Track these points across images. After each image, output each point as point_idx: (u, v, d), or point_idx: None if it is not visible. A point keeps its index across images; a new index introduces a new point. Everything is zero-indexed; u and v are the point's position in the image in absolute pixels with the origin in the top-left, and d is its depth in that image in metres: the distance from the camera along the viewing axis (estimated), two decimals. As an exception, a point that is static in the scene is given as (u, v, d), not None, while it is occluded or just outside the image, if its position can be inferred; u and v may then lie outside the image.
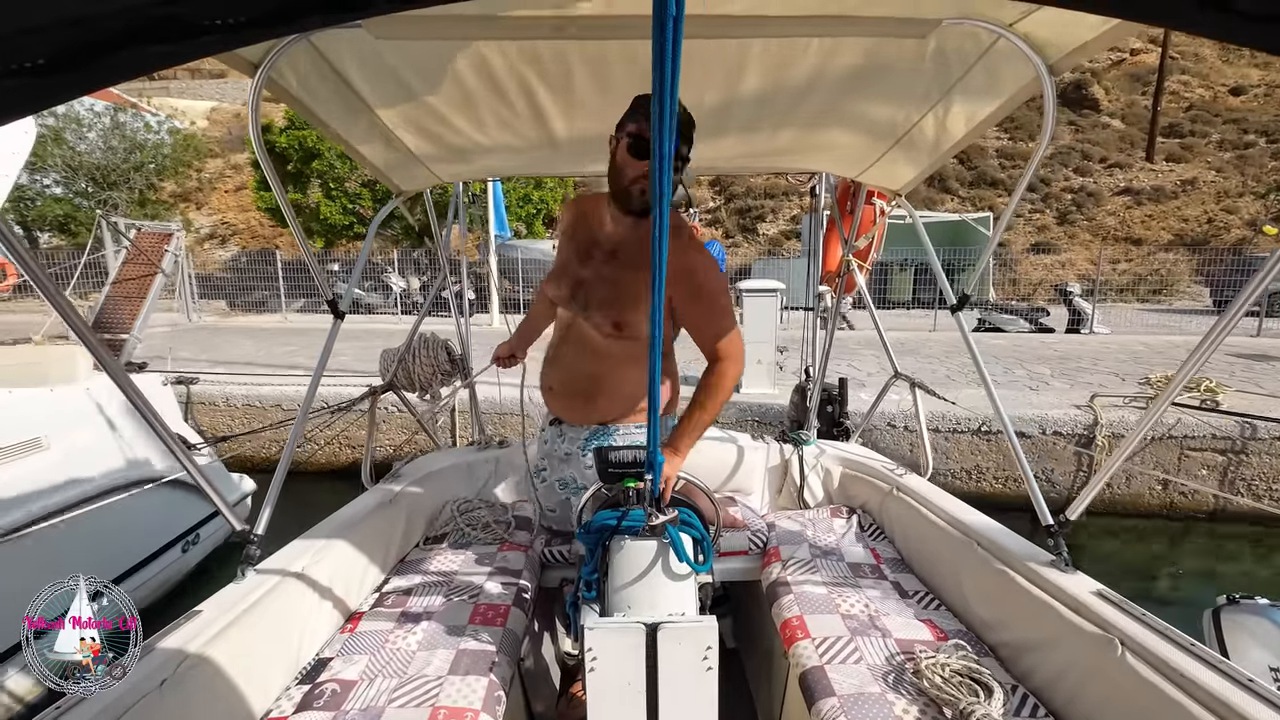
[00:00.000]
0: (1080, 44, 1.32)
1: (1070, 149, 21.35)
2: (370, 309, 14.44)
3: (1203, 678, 1.11)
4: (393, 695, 1.39)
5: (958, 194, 20.21)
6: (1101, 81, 23.87)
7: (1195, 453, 5.16)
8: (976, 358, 1.91)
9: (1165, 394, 1.38)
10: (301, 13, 0.29)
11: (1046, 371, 7.37)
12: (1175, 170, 19.83)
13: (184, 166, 17.97)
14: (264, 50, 1.37)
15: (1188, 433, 5.14)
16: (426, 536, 2.23)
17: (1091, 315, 11.37)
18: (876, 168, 2.22)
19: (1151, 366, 6.33)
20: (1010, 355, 8.50)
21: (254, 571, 1.56)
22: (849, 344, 8.70)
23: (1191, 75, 23.63)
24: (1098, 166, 20.68)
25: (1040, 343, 9.95)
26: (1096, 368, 7.59)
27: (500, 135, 2.00)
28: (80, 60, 0.26)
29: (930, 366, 7.67)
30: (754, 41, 1.49)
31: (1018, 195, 1.77)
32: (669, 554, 1.27)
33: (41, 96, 0.28)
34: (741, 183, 20.87)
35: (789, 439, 2.72)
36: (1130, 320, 12.39)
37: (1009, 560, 1.61)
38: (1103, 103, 22.98)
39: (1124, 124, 22.34)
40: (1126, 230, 18.66)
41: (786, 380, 6.34)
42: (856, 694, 1.39)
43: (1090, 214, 19.17)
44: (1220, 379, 6.09)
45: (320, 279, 2.09)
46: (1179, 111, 22.07)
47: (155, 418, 1.33)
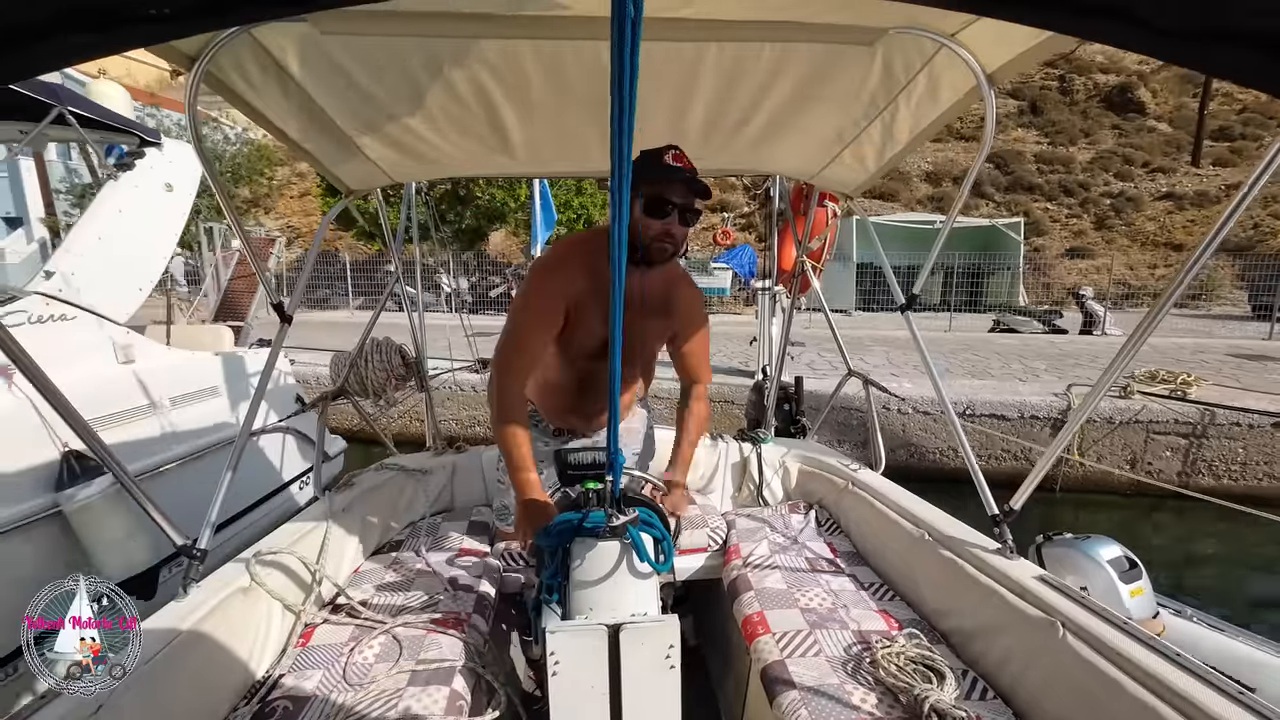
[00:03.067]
0: (1017, 53, 1.38)
1: (1112, 154, 21.00)
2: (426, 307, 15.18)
3: (1137, 655, 1.17)
4: (350, 710, 1.34)
5: (993, 199, 19.91)
6: (1149, 84, 23.53)
7: (1160, 436, 5.78)
8: (924, 352, 2.00)
9: (1097, 385, 1.46)
10: (240, 4, 0.28)
11: (1042, 366, 7.76)
12: (1221, 175, 19.27)
13: (258, 175, 19.22)
14: (202, 43, 1.31)
15: (1153, 418, 5.75)
16: (382, 545, 2.17)
17: (1104, 318, 11.69)
18: (828, 171, 2.27)
19: (1147, 365, 6.75)
20: (1014, 353, 8.87)
21: (197, 587, 1.49)
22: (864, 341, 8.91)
23: None
24: (1139, 171, 20.24)
25: (1048, 343, 10.30)
26: (1092, 364, 7.94)
27: (453, 135, 1.96)
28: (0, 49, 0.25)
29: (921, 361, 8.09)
30: (709, 45, 1.51)
31: (960, 200, 1.84)
32: (630, 554, 1.27)
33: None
34: None
35: (747, 437, 2.75)
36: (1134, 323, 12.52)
37: (958, 550, 1.67)
38: (1149, 106, 22.63)
39: (1171, 127, 21.95)
40: (1167, 235, 18.21)
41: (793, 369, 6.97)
42: (816, 686, 1.41)
43: (1129, 219, 18.83)
44: (1203, 374, 6.63)
45: (264, 281, 2.02)
46: (1231, 114, 21.63)
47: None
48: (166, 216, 4.26)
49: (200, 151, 1.71)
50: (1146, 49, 0.33)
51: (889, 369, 7.45)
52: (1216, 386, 6.41)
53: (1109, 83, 24.04)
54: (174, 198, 4.28)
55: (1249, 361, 8.31)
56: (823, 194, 2.79)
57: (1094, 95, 23.99)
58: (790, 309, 3.14)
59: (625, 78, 0.58)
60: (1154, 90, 23.57)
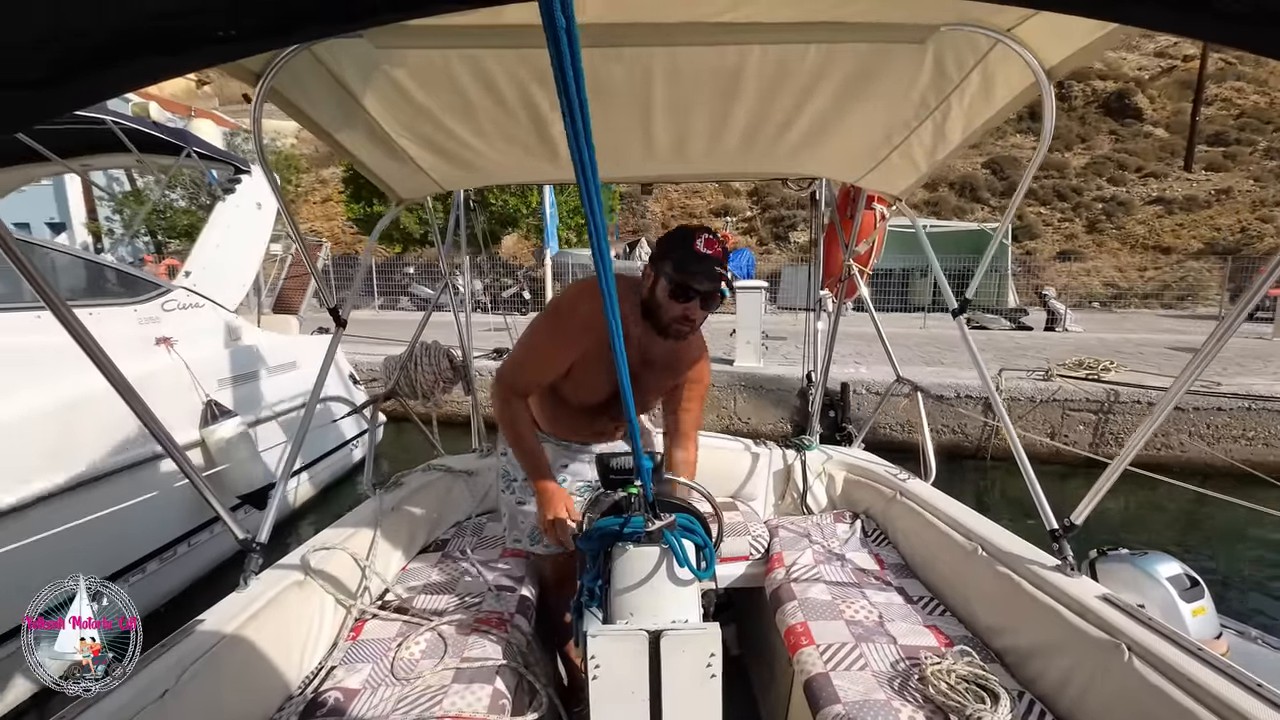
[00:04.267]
0: (1077, 48, 1.32)
1: (1106, 159, 21.72)
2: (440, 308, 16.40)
3: (1210, 682, 1.10)
4: (396, 704, 1.38)
5: (989, 203, 20.46)
6: (1146, 90, 23.88)
7: (1074, 412, 6.72)
8: (975, 354, 1.96)
9: (1169, 394, 1.37)
10: (302, 23, 0.29)
11: (990, 357, 8.32)
12: (1211, 179, 19.94)
13: (285, 183, 20.62)
14: (266, 60, 1.38)
15: (1069, 397, 6.75)
16: (429, 544, 2.23)
17: (1065, 315, 12.71)
18: (875, 173, 2.22)
19: (1087, 355, 7.92)
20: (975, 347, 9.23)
21: (256, 580, 1.56)
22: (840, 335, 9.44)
23: (1248, 81, 23.38)
24: (1133, 176, 20.72)
25: (1007, 337, 11.31)
26: (1038, 356, 8.68)
27: (500, 144, 2.00)
28: (81, 72, 0.26)
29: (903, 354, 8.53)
30: (753, 49, 1.50)
31: (1017, 198, 1.78)
32: (671, 560, 1.26)
33: (42, 109, 0.28)
34: (776, 193, 21.95)
35: (791, 444, 2.71)
36: (1101, 321, 13.61)
37: (1013, 565, 1.60)
38: (1146, 111, 23.10)
39: (1168, 132, 22.21)
40: (1155, 239, 18.94)
41: (770, 357, 8.44)
42: (862, 701, 1.38)
43: (1120, 223, 19.24)
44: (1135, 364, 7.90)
45: (320, 284, 2.10)
46: (1228, 119, 21.91)
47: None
48: (257, 228, 5.30)
49: (264, 162, 1.78)
50: (1211, 35, 0.31)
51: (854, 357, 8.46)
52: (1134, 372, 7.37)
53: (1107, 89, 24.46)
54: (262, 214, 5.29)
55: (1181, 353, 8.99)
56: (871, 195, 2.73)
57: (1092, 101, 24.47)
58: (836, 314, 3.08)
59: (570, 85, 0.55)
60: (1151, 96, 24.00)
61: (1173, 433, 6.43)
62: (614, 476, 1.35)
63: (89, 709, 1.09)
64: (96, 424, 3.26)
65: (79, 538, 3.02)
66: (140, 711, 1.13)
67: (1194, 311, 15.76)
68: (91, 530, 3.12)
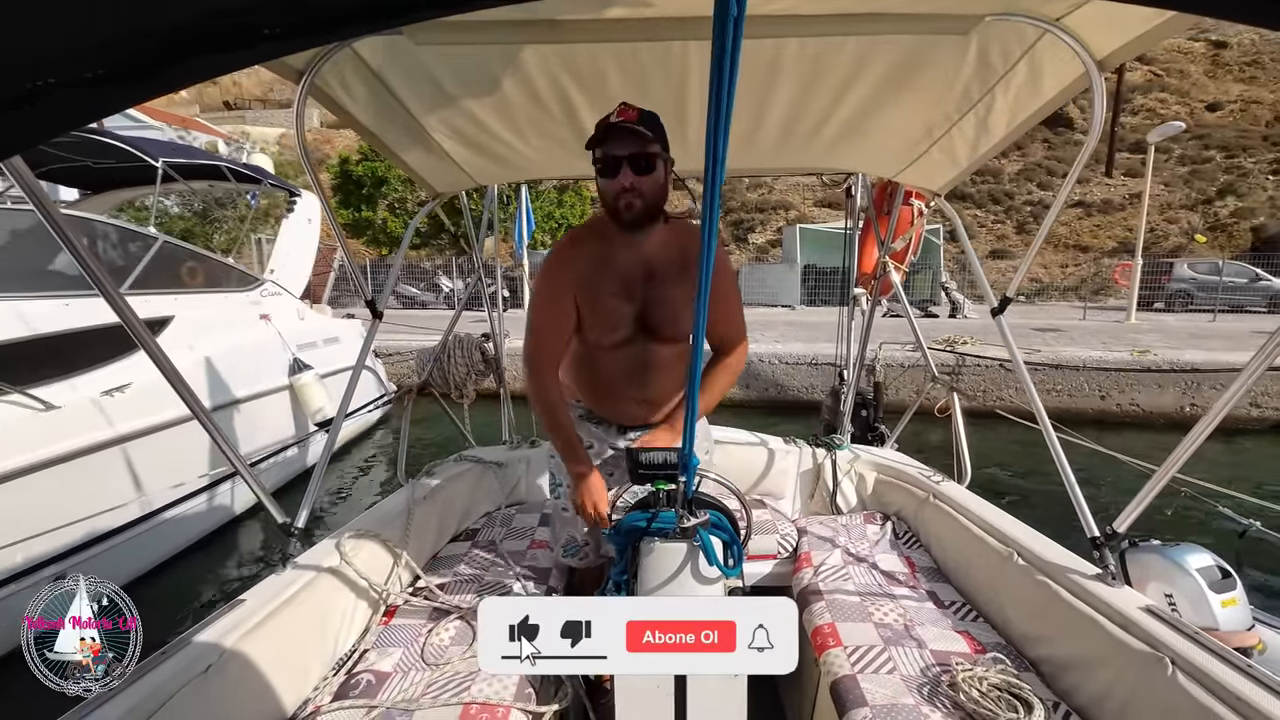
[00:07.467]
0: (1131, 38, 1.27)
1: (1038, 165, 24.20)
2: (423, 305, 18.73)
3: (1259, 700, 1.05)
4: (426, 688, 1.41)
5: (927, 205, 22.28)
6: (1077, 101, 24.33)
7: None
8: (1014, 352, 1.92)
9: (1225, 397, 1.31)
10: (346, 19, 0.29)
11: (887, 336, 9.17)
12: (1127, 184, 22.62)
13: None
14: (309, 57, 1.41)
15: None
16: (459, 533, 2.27)
17: (963, 304, 15.48)
18: (914, 168, 2.18)
19: (958, 335, 10.02)
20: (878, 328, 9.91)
21: (294, 564, 1.61)
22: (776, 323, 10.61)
23: (1171, 93, 26.13)
24: (1059, 181, 22.21)
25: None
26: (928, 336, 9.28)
27: (535, 139, 2.02)
28: (144, 69, 0.27)
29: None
30: (789, 41, 1.48)
31: (1061, 198, 1.73)
32: (698, 557, 1.26)
33: (103, 105, 0.30)
34: (736, 197, 23.45)
35: (822, 443, 2.68)
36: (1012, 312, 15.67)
37: (1051, 572, 1.56)
38: (1076, 121, 25.09)
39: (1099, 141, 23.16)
40: (1075, 239, 21.77)
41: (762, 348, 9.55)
42: (890, 705, 1.36)
43: None
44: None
45: (358, 280, 2.14)
46: (1150, 128, 22.94)
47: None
48: (308, 239, 7.29)
49: (305, 156, 1.78)
50: (1272, 22, 0.30)
51: (776, 337, 9.68)
52: (986, 344, 9.28)
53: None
54: (311, 227, 7.28)
55: (1048, 334, 11.14)
56: (908, 191, 2.67)
57: (1029, 111, 26.75)
58: (871, 311, 3.03)
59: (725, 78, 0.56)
60: (1081, 107, 25.51)
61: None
62: (643, 471, 1.35)
63: (139, 680, 1.14)
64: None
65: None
66: (186, 684, 1.18)
67: (1104, 304, 17.50)
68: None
